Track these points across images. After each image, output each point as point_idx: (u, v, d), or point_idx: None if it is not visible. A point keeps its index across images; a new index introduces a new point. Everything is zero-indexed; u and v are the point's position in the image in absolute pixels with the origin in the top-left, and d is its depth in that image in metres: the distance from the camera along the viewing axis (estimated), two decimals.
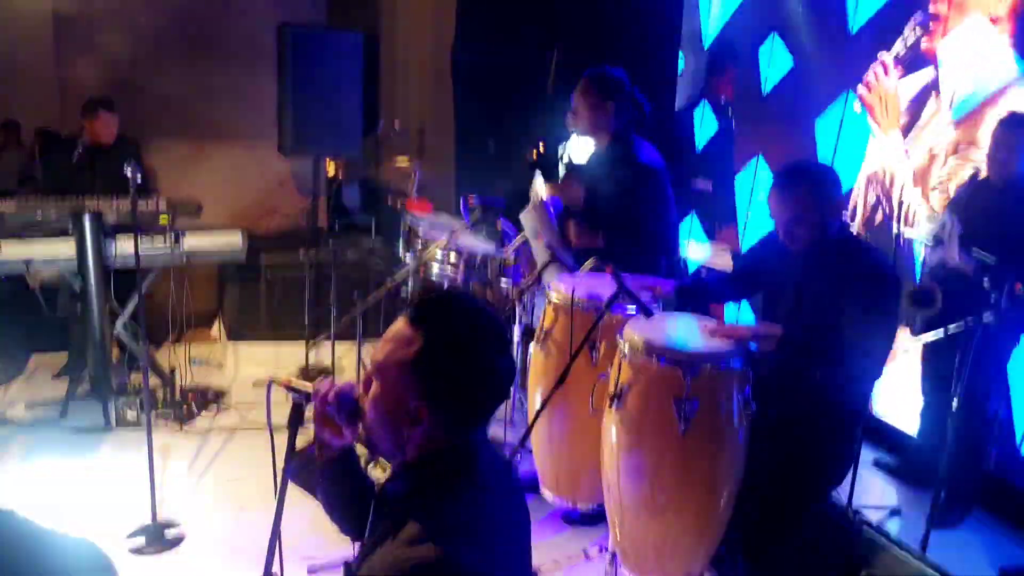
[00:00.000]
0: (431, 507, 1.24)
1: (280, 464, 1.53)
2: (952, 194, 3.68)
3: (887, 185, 4.17)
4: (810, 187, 2.52)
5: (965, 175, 3.67)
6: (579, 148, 4.65)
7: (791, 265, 2.61)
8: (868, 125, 4.28)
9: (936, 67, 3.91)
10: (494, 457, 1.38)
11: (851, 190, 4.30)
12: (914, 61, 4.02)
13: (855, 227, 4.24)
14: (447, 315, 1.31)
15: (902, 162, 4.08)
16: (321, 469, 1.53)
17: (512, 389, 3.98)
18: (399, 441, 1.32)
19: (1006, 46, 3.56)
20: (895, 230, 4.00)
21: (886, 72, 4.20)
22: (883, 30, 4.17)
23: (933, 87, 3.94)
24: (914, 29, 4.02)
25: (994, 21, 3.61)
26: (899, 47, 4.10)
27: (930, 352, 3.60)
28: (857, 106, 4.35)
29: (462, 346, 1.28)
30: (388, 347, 1.31)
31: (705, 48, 5.52)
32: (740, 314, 4.94)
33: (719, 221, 5.33)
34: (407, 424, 1.29)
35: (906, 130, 4.09)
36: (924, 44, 3.97)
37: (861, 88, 4.29)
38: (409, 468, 1.34)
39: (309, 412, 1.48)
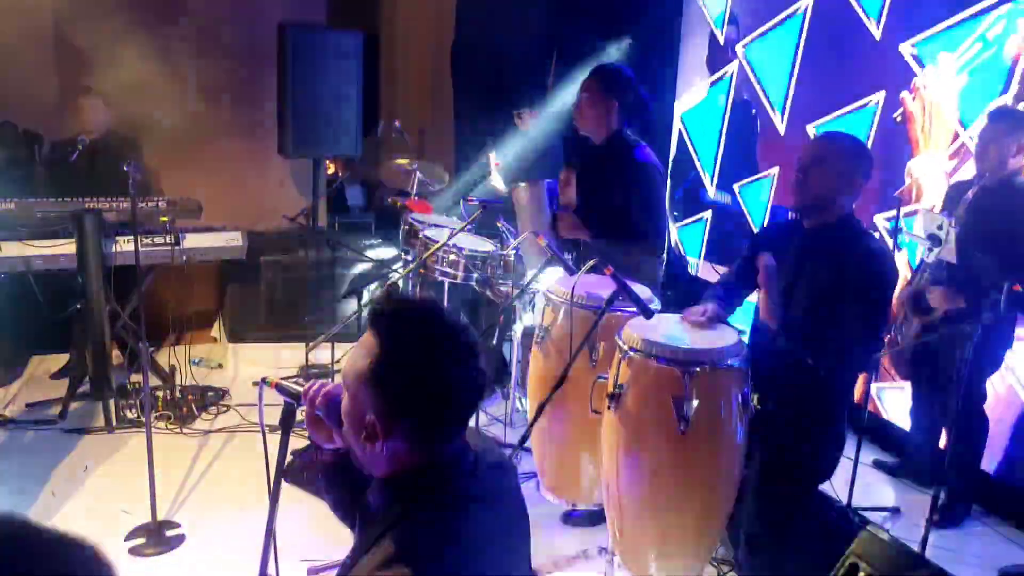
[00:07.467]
0: (404, 526, 1.20)
1: (273, 465, 1.52)
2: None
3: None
4: (858, 164, 2.43)
5: None
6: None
7: (789, 249, 2.54)
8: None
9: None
10: (478, 464, 1.31)
11: None
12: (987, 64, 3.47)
13: None
14: (400, 326, 1.23)
15: (938, 185, 3.73)
16: (319, 470, 1.52)
17: (511, 391, 4.00)
18: (365, 456, 1.26)
19: None
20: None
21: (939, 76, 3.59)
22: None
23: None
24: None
25: None
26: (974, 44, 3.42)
27: (918, 353, 3.59)
28: (898, 115, 3.88)
29: (413, 359, 1.20)
30: (352, 358, 1.26)
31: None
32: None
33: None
34: (367, 439, 1.22)
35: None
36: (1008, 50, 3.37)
37: (905, 94, 3.83)
38: (384, 484, 1.28)
39: (302, 414, 1.47)
